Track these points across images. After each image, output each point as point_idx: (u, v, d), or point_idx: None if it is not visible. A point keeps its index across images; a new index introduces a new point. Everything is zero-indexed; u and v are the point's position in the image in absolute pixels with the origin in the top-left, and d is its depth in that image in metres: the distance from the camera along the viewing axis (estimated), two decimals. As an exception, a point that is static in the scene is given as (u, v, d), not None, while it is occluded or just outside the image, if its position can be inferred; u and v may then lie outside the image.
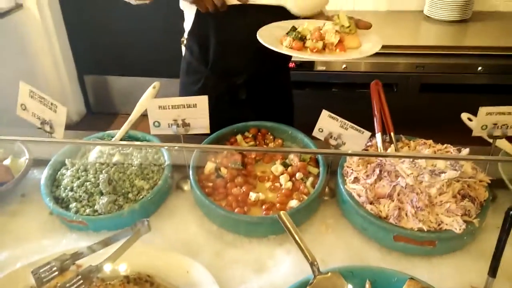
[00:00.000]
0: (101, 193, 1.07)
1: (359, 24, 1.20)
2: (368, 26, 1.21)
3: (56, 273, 0.87)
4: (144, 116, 1.25)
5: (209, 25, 1.35)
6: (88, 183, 1.07)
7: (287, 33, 1.19)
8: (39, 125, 1.16)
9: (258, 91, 1.50)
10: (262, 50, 1.13)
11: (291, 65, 2.27)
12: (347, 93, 2.42)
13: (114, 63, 3.42)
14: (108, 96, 3.55)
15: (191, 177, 1.10)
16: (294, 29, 1.19)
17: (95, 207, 1.04)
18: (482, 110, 1.01)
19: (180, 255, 0.94)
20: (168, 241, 1.02)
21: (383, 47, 2.19)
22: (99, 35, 3.31)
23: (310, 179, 1.11)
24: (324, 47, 1.15)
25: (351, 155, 1.07)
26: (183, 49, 1.58)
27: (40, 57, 3.20)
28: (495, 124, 0.99)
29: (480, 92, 2.31)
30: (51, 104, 1.13)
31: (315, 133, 1.07)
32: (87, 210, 1.04)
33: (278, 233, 1.02)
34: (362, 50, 1.14)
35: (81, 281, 0.81)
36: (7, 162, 1.20)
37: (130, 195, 1.08)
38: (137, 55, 3.31)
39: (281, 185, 1.10)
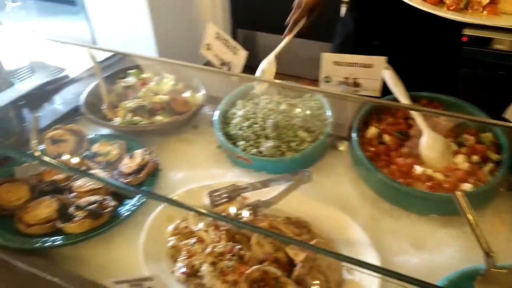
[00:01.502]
0: (267, 137, 1.12)
1: None
2: None
3: (226, 200, 0.96)
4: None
5: None
6: (256, 125, 1.14)
7: None
8: (219, 66, 1.26)
9: (412, 57, 1.37)
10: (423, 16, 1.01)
11: (464, 39, 2.03)
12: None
13: (267, 20, 3.51)
14: (256, 51, 3.69)
15: (354, 138, 1.08)
16: None
17: (260, 148, 1.11)
18: None
19: (339, 211, 0.95)
20: (323, 196, 1.03)
21: None
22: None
23: (489, 165, 0.99)
24: (468, 5, 0.97)
25: None
26: (342, 9, 1.54)
27: (203, 7, 3.45)
28: None
29: None
30: (233, 47, 1.21)
31: (509, 115, 0.94)
32: (253, 150, 1.11)
33: (442, 215, 0.95)
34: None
35: (250, 212, 0.88)
36: (186, 95, 1.34)
37: (292, 144, 1.11)
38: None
39: (455, 165, 1.01)
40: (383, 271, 0.67)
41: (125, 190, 0.95)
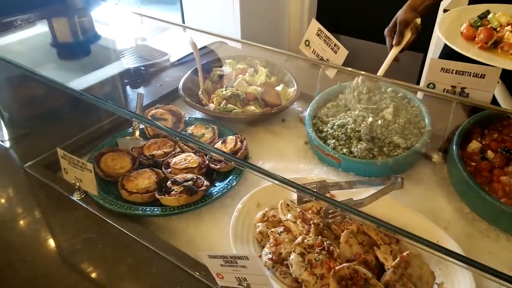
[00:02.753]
0: (359, 139, 1.10)
1: None
2: None
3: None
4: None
5: None
6: (349, 126, 1.12)
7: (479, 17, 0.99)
8: (317, 61, 1.26)
9: None
10: None
11: None
12: None
13: (350, 24, 3.46)
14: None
15: (455, 151, 1.03)
16: (485, 14, 0.96)
17: (351, 149, 1.09)
18: None
19: (431, 223, 0.91)
20: (414, 206, 0.99)
21: None
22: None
23: None
24: (498, 45, 0.88)
25: None
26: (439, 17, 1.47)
27: (291, 7, 3.48)
28: None
29: None
30: (334, 44, 1.20)
31: None
32: (343, 150, 1.10)
33: (549, 243, 0.87)
34: None
35: (340, 211, 0.87)
36: (278, 88, 1.36)
37: (385, 149, 1.08)
38: (378, 21, 3.26)
39: None
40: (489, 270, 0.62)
41: (238, 164, 0.97)
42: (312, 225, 0.86)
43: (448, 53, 1.42)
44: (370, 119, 1.11)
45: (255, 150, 1.19)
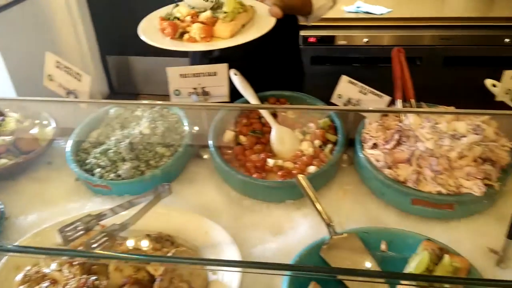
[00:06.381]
0: (123, 160, 1.10)
1: (271, 11, 1.11)
2: (275, 14, 1.11)
3: (82, 232, 0.91)
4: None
5: None
6: (110, 150, 1.10)
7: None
8: (65, 95, 1.20)
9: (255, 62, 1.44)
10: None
11: (312, 39, 2.25)
12: (369, 69, 2.38)
13: (135, 44, 3.46)
14: (130, 76, 3.61)
15: (211, 144, 1.12)
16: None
17: (118, 172, 1.08)
18: (507, 74, 0.98)
19: (199, 216, 0.97)
20: (188, 205, 1.04)
21: (407, 19, 2.16)
22: (121, 16, 3.34)
23: (329, 146, 1.11)
24: (184, 34, 1.10)
25: (368, 111, 1.07)
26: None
27: (64, 37, 3.26)
28: (520, 88, 0.96)
29: (509, 65, 2.22)
30: (76, 73, 1.16)
31: (334, 99, 1.07)
32: (111, 175, 1.08)
33: (296, 198, 1.03)
34: (219, 43, 1.08)
35: (105, 238, 0.85)
36: (34, 131, 1.25)
37: (151, 162, 1.11)
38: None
39: (301, 152, 1.10)
40: (235, 263, 0.70)
41: None
42: (78, 266, 0.81)
43: (191, 58, 1.54)
44: (128, 138, 1.12)
45: (15, 205, 1.06)
